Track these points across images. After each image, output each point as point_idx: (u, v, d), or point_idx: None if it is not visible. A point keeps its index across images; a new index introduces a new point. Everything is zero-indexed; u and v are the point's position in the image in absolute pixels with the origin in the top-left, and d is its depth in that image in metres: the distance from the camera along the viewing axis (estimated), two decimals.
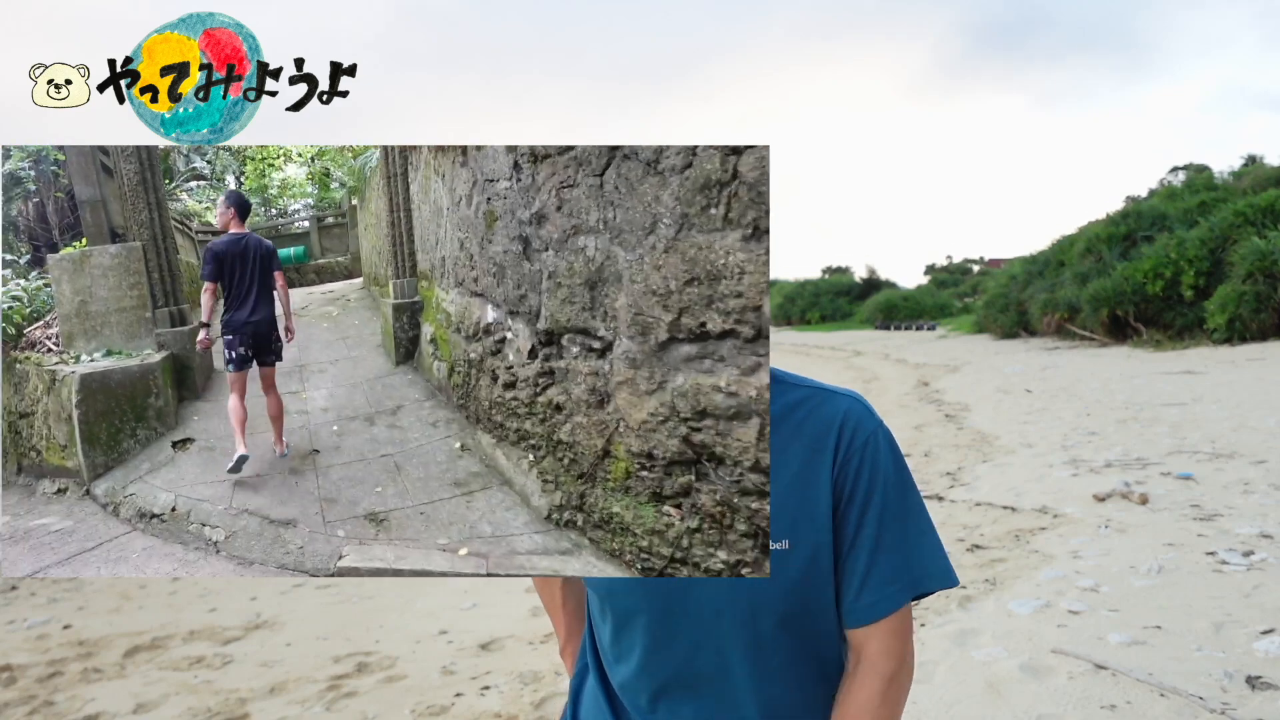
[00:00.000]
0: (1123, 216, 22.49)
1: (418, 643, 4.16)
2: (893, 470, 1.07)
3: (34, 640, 4.43)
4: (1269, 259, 15.90)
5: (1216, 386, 10.87)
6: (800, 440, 1.07)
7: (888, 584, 1.06)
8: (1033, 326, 23.63)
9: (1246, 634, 3.42)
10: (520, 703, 3.42)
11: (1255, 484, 5.81)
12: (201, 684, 3.79)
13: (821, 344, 31.63)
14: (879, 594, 1.06)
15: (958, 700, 3.11)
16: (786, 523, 1.05)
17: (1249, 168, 27.22)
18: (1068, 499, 5.85)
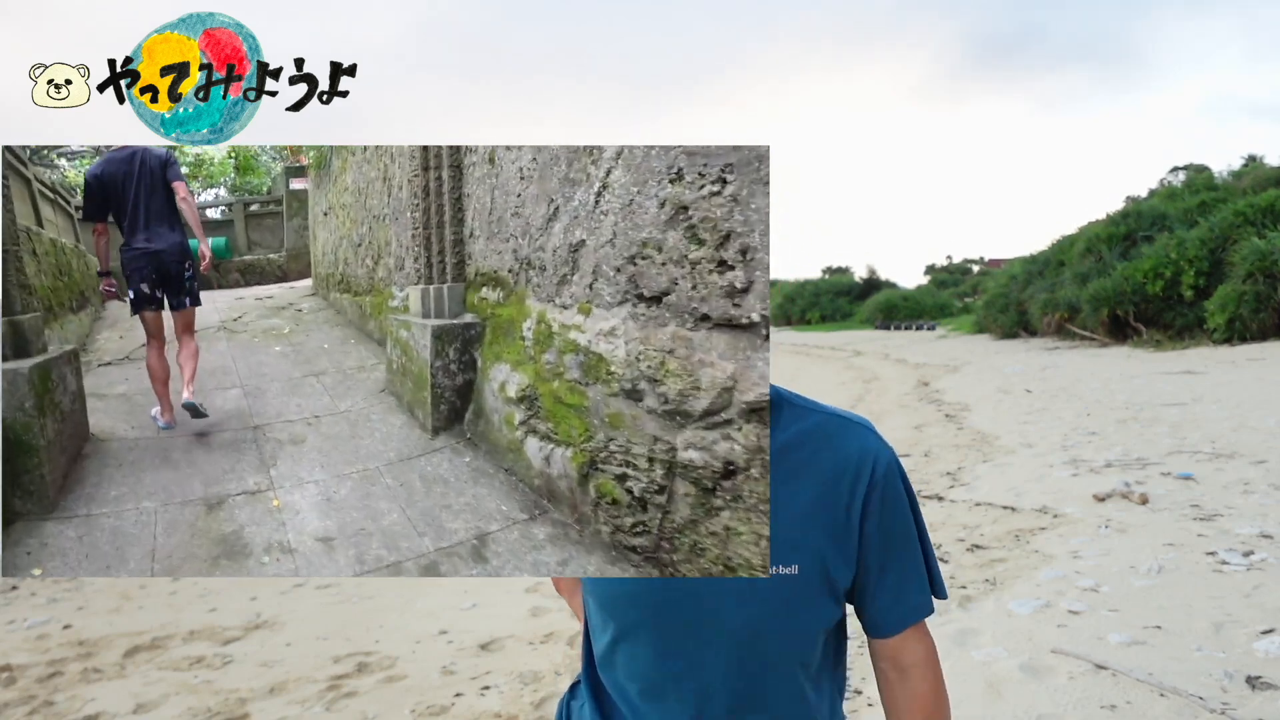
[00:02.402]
0: (1123, 216, 22.49)
1: (418, 643, 4.16)
2: (909, 497, 1.14)
3: (34, 640, 4.43)
4: (1269, 259, 15.90)
5: (1216, 386, 10.87)
6: (812, 471, 1.09)
7: (921, 591, 1.14)
8: (1033, 326, 23.62)
9: (1246, 634, 3.42)
10: (520, 703, 3.42)
11: (1255, 484, 5.81)
12: (201, 684, 3.79)
13: (821, 344, 31.62)
14: (916, 600, 1.14)
15: (958, 700, 3.10)
16: (797, 548, 1.07)
17: (1249, 168, 27.22)
18: (1068, 499, 5.84)
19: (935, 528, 5.47)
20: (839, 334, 37.29)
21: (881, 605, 1.13)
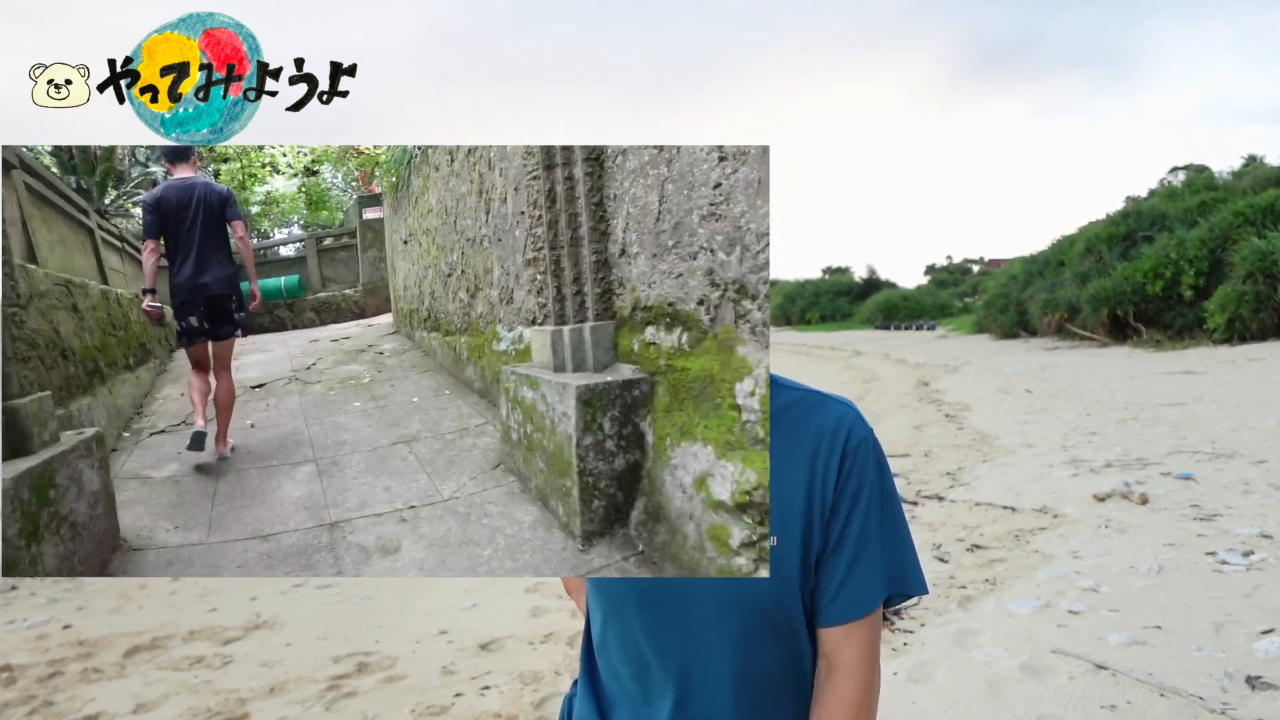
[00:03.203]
0: (1123, 216, 22.50)
1: (418, 643, 4.16)
2: (880, 477, 1.10)
3: (34, 640, 4.43)
4: (1269, 259, 15.90)
5: (1216, 386, 10.87)
6: (792, 443, 1.09)
7: (866, 585, 1.09)
8: (1033, 326, 23.62)
9: (1246, 634, 3.42)
10: (520, 703, 3.42)
11: (1255, 484, 5.81)
12: (201, 684, 3.79)
13: (821, 344, 31.62)
14: (858, 594, 1.09)
15: (958, 700, 3.10)
16: (781, 521, 1.08)
17: (1249, 168, 27.23)
18: (1068, 499, 5.84)
19: (935, 528, 5.47)
20: (839, 334, 37.29)
21: (826, 590, 1.09)
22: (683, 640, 1.10)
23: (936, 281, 54.95)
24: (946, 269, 69.46)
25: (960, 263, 73.29)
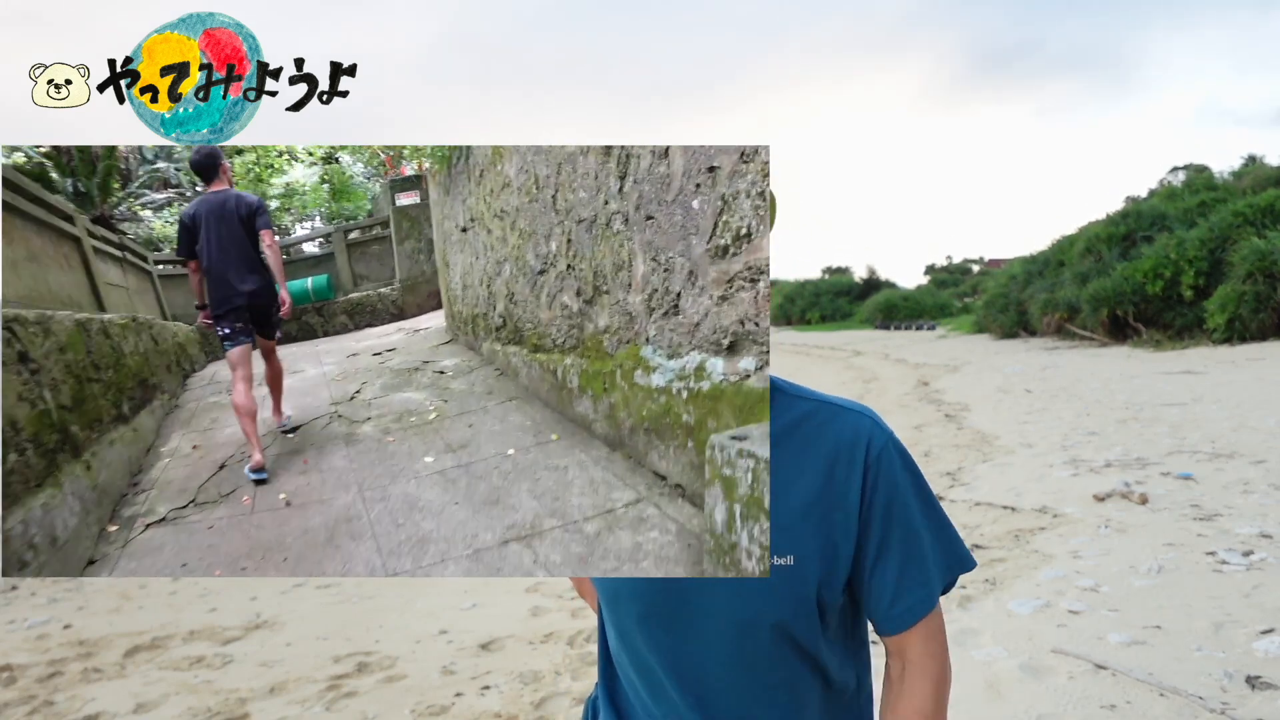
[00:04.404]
0: (1122, 216, 22.50)
1: (418, 643, 4.16)
2: (910, 478, 1.09)
3: (34, 640, 4.43)
4: (1269, 259, 15.90)
5: (1216, 386, 10.87)
6: (808, 458, 1.07)
7: (920, 587, 1.08)
8: (1033, 326, 23.62)
9: (1246, 634, 3.42)
10: (520, 703, 3.41)
11: (1255, 484, 5.81)
12: (201, 684, 3.79)
13: (821, 344, 31.62)
14: (914, 598, 1.08)
15: (958, 700, 3.10)
16: (797, 538, 1.05)
17: (1249, 168, 27.23)
18: (1068, 499, 5.85)
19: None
20: (839, 334, 37.29)
21: (879, 602, 1.09)
22: (697, 659, 1.09)
23: (936, 281, 54.95)
24: (946, 269, 69.47)
25: (960, 263, 73.31)
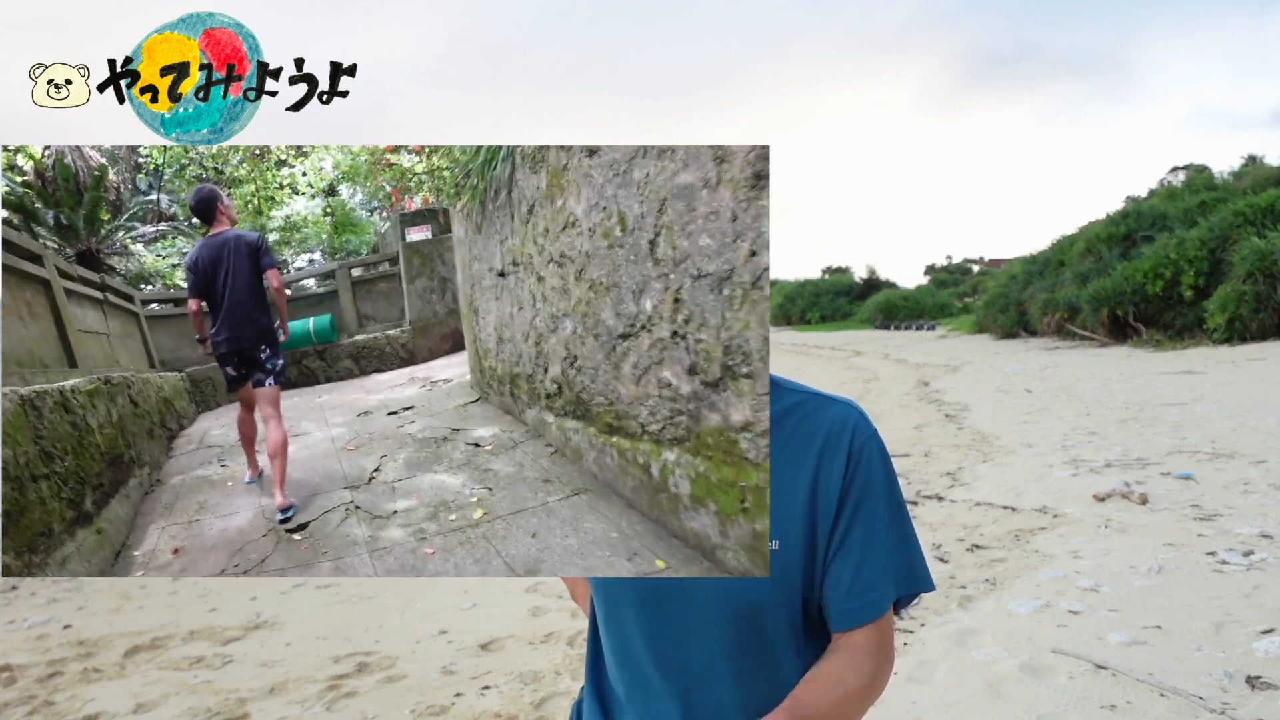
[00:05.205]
0: (1123, 216, 22.51)
1: (418, 643, 4.16)
2: (885, 478, 1.09)
3: (34, 640, 4.43)
4: (1269, 259, 15.91)
5: (1216, 386, 10.87)
6: (796, 445, 1.09)
7: (874, 588, 1.07)
8: (1033, 326, 23.62)
9: (1246, 634, 3.42)
10: (520, 703, 3.42)
11: (1255, 484, 5.81)
12: (201, 684, 3.79)
13: (821, 344, 31.62)
14: (867, 598, 1.07)
15: (958, 700, 3.10)
16: (779, 524, 1.08)
17: (1249, 168, 27.23)
18: (1068, 499, 5.85)
19: (935, 528, 5.47)
20: (839, 334, 37.29)
21: (834, 594, 1.07)
22: (682, 643, 1.10)
23: (936, 281, 54.94)
24: (946, 269, 69.46)
25: (960, 263, 73.29)
